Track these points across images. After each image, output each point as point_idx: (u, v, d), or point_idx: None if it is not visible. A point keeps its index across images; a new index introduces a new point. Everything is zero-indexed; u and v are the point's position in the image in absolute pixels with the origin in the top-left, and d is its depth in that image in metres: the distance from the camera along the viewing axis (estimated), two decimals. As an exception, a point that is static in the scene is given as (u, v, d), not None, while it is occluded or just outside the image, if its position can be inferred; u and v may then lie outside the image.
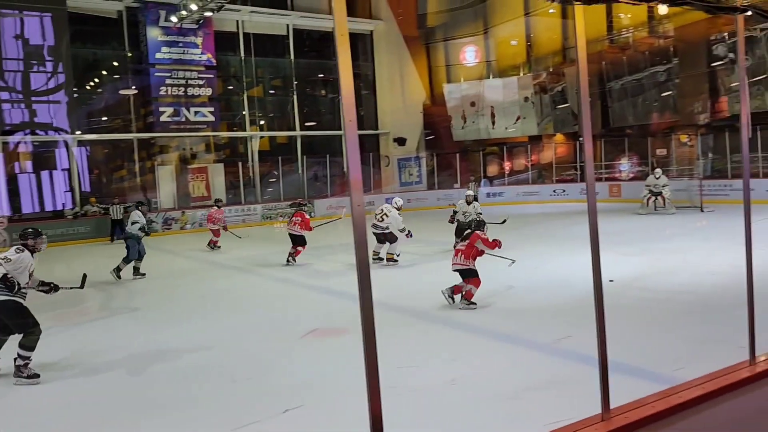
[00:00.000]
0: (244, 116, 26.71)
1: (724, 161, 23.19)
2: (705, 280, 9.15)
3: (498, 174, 30.27)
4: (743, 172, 4.73)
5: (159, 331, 8.15)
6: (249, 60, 26.63)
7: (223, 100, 26.45)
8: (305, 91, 28.65)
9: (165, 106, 24.35)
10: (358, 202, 2.87)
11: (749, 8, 4.63)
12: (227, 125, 26.65)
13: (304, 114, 28.27)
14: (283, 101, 28.23)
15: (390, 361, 5.45)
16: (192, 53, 24.79)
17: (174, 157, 25.42)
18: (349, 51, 2.81)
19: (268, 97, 28.12)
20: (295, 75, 27.79)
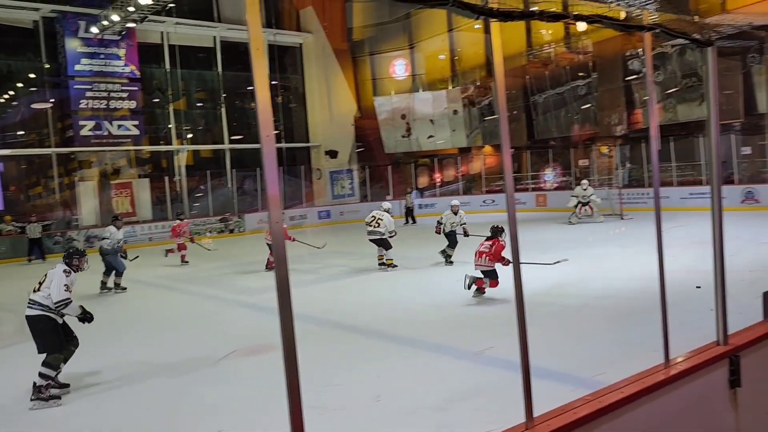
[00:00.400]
0: (170, 129, 26.01)
1: (641, 171, 24.31)
2: (623, 285, 9.51)
3: (429, 185, 30.67)
4: (653, 181, 4.93)
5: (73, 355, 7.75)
6: (174, 72, 26.02)
7: (148, 113, 25.69)
8: (234, 104, 28.20)
9: (85, 120, 23.45)
10: (276, 218, 2.80)
11: (656, 26, 4.87)
12: (150, 139, 25.85)
13: (232, 127, 27.80)
14: (211, 114, 27.70)
15: (314, 380, 5.38)
16: (114, 65, 24.01)
17: (95, 173, 24.45)
18: (265, 65, 2.77)
19: (195, 110, 27.51)
20: (222, 87, 27.32)
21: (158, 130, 26.14)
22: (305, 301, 9.58)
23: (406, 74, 30.73)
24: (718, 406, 4.97)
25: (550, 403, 4.20)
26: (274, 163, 2.82)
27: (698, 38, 5.10)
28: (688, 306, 7.10)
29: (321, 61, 30.03)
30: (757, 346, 5.30)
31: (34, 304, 6.11)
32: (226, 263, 16.03)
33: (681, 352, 5.00)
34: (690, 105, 22.46)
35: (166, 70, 25.85)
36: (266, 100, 2.77)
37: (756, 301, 5.92)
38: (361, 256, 15.16)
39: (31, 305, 6.13)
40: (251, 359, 7.06)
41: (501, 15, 3.84)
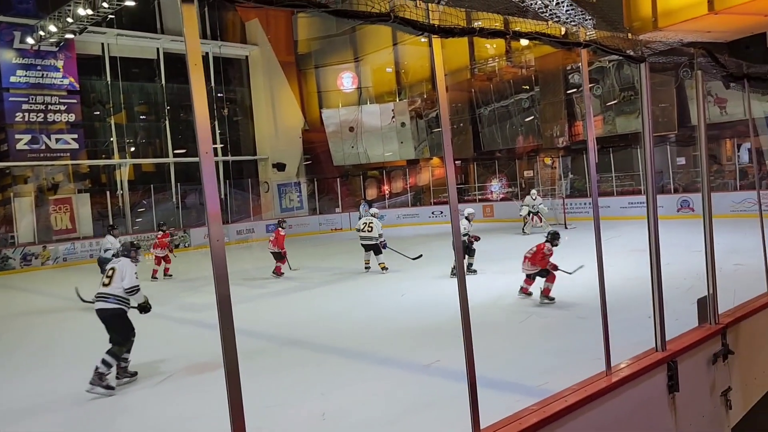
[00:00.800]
0: (111, 143, 25.30)
1: (583, 181, 25.00)
2: (566, 294, 9.70)
3: (378, 197, 30.75)
4: (592, 193, 5.08)
5: (4, 378, 7.41)
6: (116, 84, 25.36)
7: (87, 126, 24.89)
8: (178, 117, 27.64)
9: (21, 133, 22.57)
10: (216, 236, 2.76)
11: (592, 43, 5.04)
12: (88, 153, 25.02)
13: (177, 140, 27.25)
14: (154, 127, 27.09)
15: (257, 400, 5.27)
16: (52, 77, 23.22)
17: (32, 188, 23.53)
18: (203, 80, 2.73)
19: (137, 122, 26.85)
20: (166, 100, 26.78)
21: (98, 144, 25.36)
22: (251, 317, 9.45)
23: (354, 87, 30.82)
24: (658, 410, 5.13)
25: (498, 413, 4.26)
26: (213, 179, 2.78)
27: (632, 54, 5.31)
28: (627, 314, 7.29)
29: (267, 74, 29.81)
30: (694, 351, 5.51)
31: (110, 296, 6.62)
32: (172, 279, 15.65)
33: (622, 359, 5.14)
34: (628, 117, 23.26)
35: (107, 82, 25.18)
36: (204, 116, 2.73)
37: (691, 307, 6.15)
38: (309, 270, 15.05)
39: (106, 298, 6.63)
40: (193, 379, 6.87)
41: (442, 31, 3.91)
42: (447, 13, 3.90)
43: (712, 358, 5.76)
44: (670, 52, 6.19)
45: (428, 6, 3.75)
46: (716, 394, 5.82)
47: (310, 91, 31.27)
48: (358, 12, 3.39)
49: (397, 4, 3.64)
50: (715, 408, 5.80)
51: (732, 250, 11.71)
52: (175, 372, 7.02)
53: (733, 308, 6.61)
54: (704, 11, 5.54)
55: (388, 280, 12.93)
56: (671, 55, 6.25)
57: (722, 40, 6.71)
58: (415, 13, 3.67)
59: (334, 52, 30.68)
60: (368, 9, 3.43)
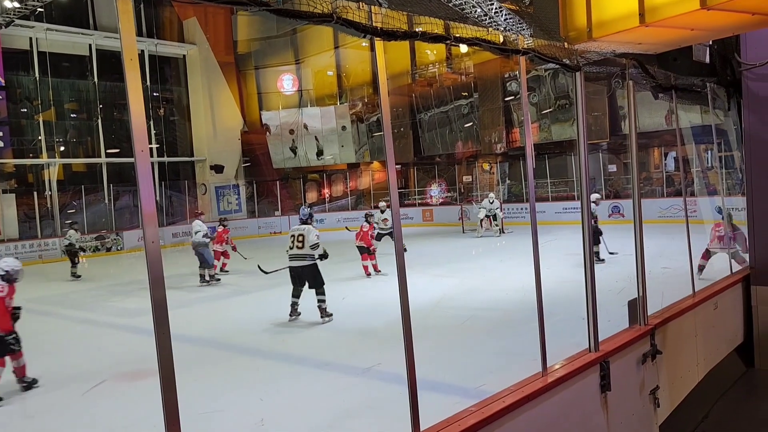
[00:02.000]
0: (39, 141, 24.23)
1: (520, 186, 25.60)
2: (503, 296, 9.90)
3: (318, 200, 30.59)
4: (530, 198, 5.19)
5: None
6: (45, 81, 24.31)
7: (13, 123, 23.78)
8: (111, 116, 26.73)
9: (-60, 130, 21.40)
10: (152, 238, 2.67)
11: (530, 51, 5.15)
12: (15, 151, 23.91)
13: (110, 139, 26.34)
14: (85, 126, 26.11)
15: (192, 407, 5.13)
16: (-26, 71, 22.12)
17: (-48, 187, 22.32)
18: (139, 77, 2.63)
19: (67, 120, 25.81)
20: (99, 98, 25.86)
21: (25, 142, 24.26)
22: (186, 322, 9.21)
23: (294, 89, 30.59)
24: (591, 409, 5.28)
25: (438, 414, 4.29)
26: (149, 179, 2.69)
27: (568, 63, 5.46)
28: (563, 315, 7.48)
29: (205, 74, 29.23)
30: (624, 351, 5.70)
31: (306, 256, 8.93)
32: (102, 284, 15.11)
33: (557, 359, 5.27)
34: (563, 125, 23.97)
35: (35, 78, 24.13)
36: (140, 113, 2.64)
37: (623, 309, 6.37)
38: (245, 274, 14.80)
39: (302, 258, 8.96)
40: (125, 386, 6.63)
41: (384, 34, 3.92)
42: (389, 17, 3.91)
43: (642, 358, 5.98)
44: (603, 62, 6.40)
45: (371, 8, 3.75)
46: (645, 393, 6.04)
47: (250, 93, 30.83)
48: (300, 12, 3.36)
49: (339, 5, 3.62)
50: (644, 406, 6.02)
51: (660, 254, 12.21)
52: (106, 379, 6.76)
53: (661, 310, 6.88)
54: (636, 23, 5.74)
55: (328, 283, 12.85)
56: (605, 65, 6.46)
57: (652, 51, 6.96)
58: (357, 15, 3.66)
59: (275, 54, 30.37)
60: (310, 9, 3.40)
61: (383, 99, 3.99)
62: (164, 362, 2.59)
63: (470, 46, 4.71)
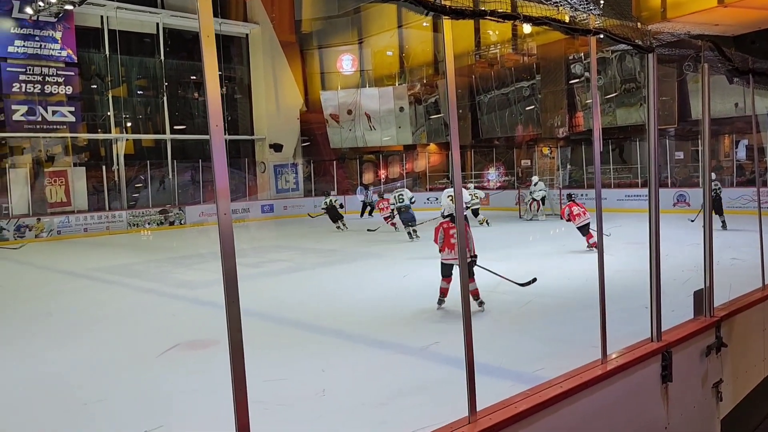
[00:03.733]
0: (108, 117, 25.13)
1: (580, 172, 25.02)
2: (562, 284, 9.75)
3: (374, 181, 30.70)
4: (595, 182, 5.08)
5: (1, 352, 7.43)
6: (114, 58, 25.13)
7: (85, 99, 24.73)
8: (176, 93, 27.47)
9: (18, 104, 22.40)
10: (224, 210, 2.76)
11: (601, 31, 5.01)
12: (88, 126, 24.93)
13: (174, 117, 27.09)
14: (151, 103, 26.91)
15: (258, 375, 5.28)
16: (50, 48, 23.01)
17: (28, 159, 23.40)
18: (215, 54, 2.70)
19: (135, 97, 26.66)
20: (165, 76, 26.58)
21: (96, 118, 25.20)
22: (248, 296, 9.39)
23: (353, 69, 30.65)
24: (650, 400, 5.18)
25: (491, 397, 4.29)
26: (223, 154, 2.77)
27: (640, 44, 5.28)
28: (623, 304, 7.33)
29: (268, 53, 29.59)
30: (688, 342, 5.55)
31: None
32: (165, 256, 15.65)
33: (617, 347, 5.18)
34: (628, 109, 23.24)
35: (106, 55, 24.98)
36: (216, 90, 2.72)
37: (688, 299, 6.20)
38: (304, 251, 15.06)
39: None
40: (191, 354, 6.89)
41: (453, 12, 3.88)
42: (457, -5, 3.86)
43: (706, 350, 5.81)
44: (677, 44, 6.16)
45: (440, -14, 3.72)
46: (708, 386, 5.88)
47: (311, 72, 31.09)
48: (370, -10, 3.36)
49: (408, -17, 3.60)
50: (706, 399, 5.86)
51: (729, 245, 11.77)
52: (171, 348, 7.04)
53: (728, 302, 6.66)
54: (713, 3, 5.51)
55: (388, 261, 12.96)
56: (678, 47, 6.22)
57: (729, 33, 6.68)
58: (426, -7, 3.63)
59: (337, 33, 30.48)
60: (380, -13, 3.40)
61: (450, 79, 3.96)
62: (233, 328, 2.68)
63: (539, 25, 4.61)
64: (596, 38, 4.94)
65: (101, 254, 15.74)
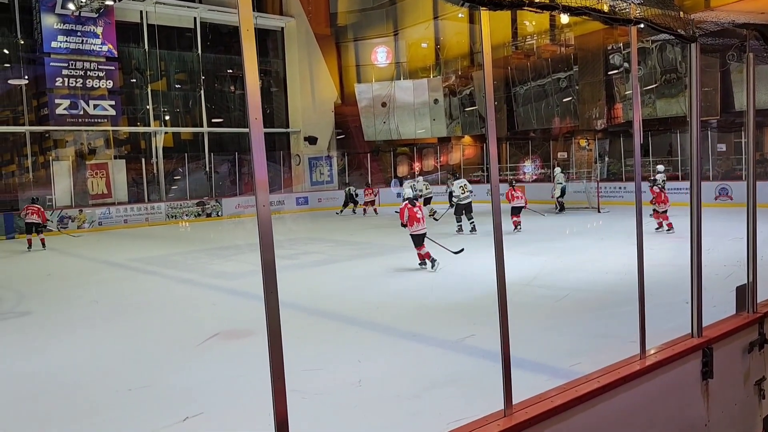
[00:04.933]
0: (147, 110, 25.62)
1: (619, 165, 24.58)
2: (599, 278, 9.62)
3: (408, 174, 30.66)
4: (635, 175, 4.99)
5: (50, 338, 7.67)
6: (153, 52, 25.60)
7: (125, 93, 25.29)
8: (213, 87, 27.85)
9: (61, 98, 23.00)
10: (263, 202, 2.79)
11: (642, 20, 4.90)
12: (128, 119, 25.47)
13: (211, 110, 27.48)
14: (190, 96, 27.33)
15: (295, 364, 5.36)
16: (91, 43, 23.54)
17: (70, 152, 24.03)
18: (254, 47, 2.73)
19: (174, 91, 27.11)
20: (202, 69, 26.96)
21: (136, 111, 25.74)
22: (284, 287, 9.50)
23: (388, 62, 30.61)
24: (691, 396, 5.09)
25: (527, 391, 4.26)
26: (262, 146, 2.80)
27: (682, 34, 5.16)
28: (663, 298, 7.21)
29: (303, 46, 29.77)
30: (730, 339, 5.43)
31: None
32: (202, 247, 15.91)
33: (656, 343, 5.10)
34: (669, 101, 22.72)
35: (145, 50, 25.44)
36: (255, 84, 2.75)
37: (730, 295, 6.05)
38: (338, 243, 15.15)
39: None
40: (229, 344, 7.03)
41: (490, 3, 3.84)
42: (495, -14, 3.82)
43: (748, 347, 5.68)
44: (721, 33, 6.00)
45: (478, -23, 3.69)
46: (750, 383, 5.75)
47: (346, 65, 31.16)
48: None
49: (446, -25, 3.58)
50: (748, 397, 5.74)
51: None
52: (211, 337, 7.18)
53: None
54: (759, -9, 5.28)
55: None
56: (722, 37, 6.05)
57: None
58: (464, -16, 3.61)
59: (372, 26, 30.46)
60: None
61: (487, 70, 3.94)
62: (271, 318, 2.72)
63: (577, 15, 4.53)
64: (637, 28, 4.84)
65: (141, 245, 16.09)
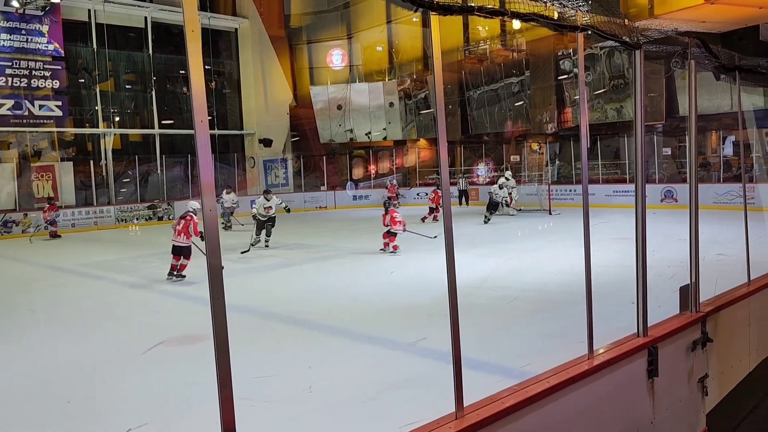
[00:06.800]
0: (96, 111, 24.94)
1: (569, 168, 25.12)
2: (550, 279, 9.80)
3: (363, 177, 30.69)
4: (582, 179, 5.09)
5: None
6: (102, 52, 24.93)
7: (72, 93, 24.53)
8: (164, 88, 27.28)
9: (4, 98, 22.19)
10: (210, 206, 2.73)
11: (589, 27, 5.01)
12: (75, 121, 24.72)
13: (162, 111, 26.91)
14: (140, 97, 26.72)
15: (245, 371, 5.28)
16: (37, 42, 22.80)
17: (14, 154, 23.17)
18: (200, 49, 2.68)
19: (123, 92, 26.46)
20: (153, 70, 26.39)
21: (83, 112, 25.02)
22: (236, 291, 9.42)
23: (343, 64, 30.57)
24: (637, 395, 5.21)
25: (479, 393, 4.29)
26: (208, 149, 2.75)
27: (627, 41, 5.30)
28: (611, 299, 7.37)
29: (257, 48, 29.46)
30: (674, 337, 5.58)
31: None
32: (153, 251, 15.56)
33: (603, 343, 5.20)
34: (617, 105, 23.34)
35: (93, 49, 24.77)
36: (200, 85, 2.69)
37: (673, 295, 6.23)
38: (294, 246, 15.03)
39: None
40: (177, 351, 6.87)
41: (441, 9, 3.86)
42: (446, -9, 3.85)
43: (692, 345, 5.85)
44: (664, 41, 6.18)
45: (428, -18, 3.70)
46: (693, 381, 5.92)
47: (300, 67, 30.99)
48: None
49: (396, -21, 3.59)
50: (691, 394, 5.91)
51: (714, 240, 11.87)
52: (163, 341, 7.01)
53: (713, 297, 6.70)
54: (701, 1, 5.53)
55: (375, 258, 12.95)
56: (665, 44, 6.24)
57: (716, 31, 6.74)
58: (414, -11, 3.62)
59: (326, 28, 30.38)
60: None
61: (437, 75, 3.95)
62: (218, 325, 2.67)
63: (527, 21, 4.61)
64: (584, 35, 4.94)
65: (90, 250, 15.63)
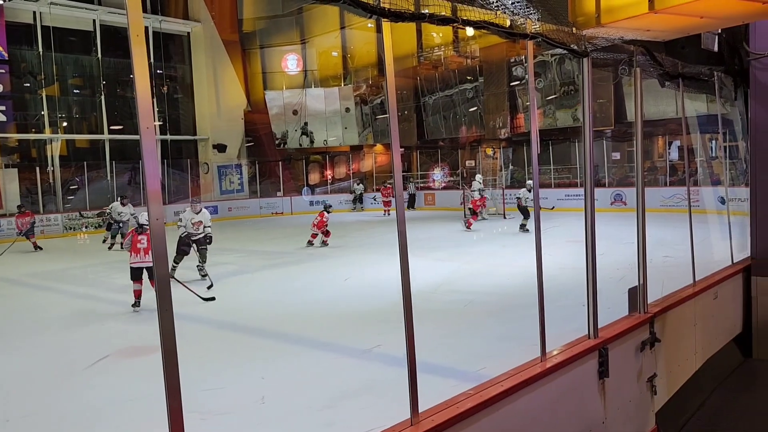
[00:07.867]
0: (42, 116, 24.16)
1: (522, 172, 25.55)
2: (505, 282, 9.92)
3: (320, 182, 30.57)
4: (533, 184, 5.18)
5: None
6: (48, 55, 24.19)
7: (16, 98, 23.70)
8: (114, 92, 26.62)
9: (-57, 103, 21.35)
10: (156, 215, 2.67)
11: (538, 35, 5.10)
12: (18, 126, 23.87)
13: (112, 116, 26.26)
14: (89, 102, 26.02)
15: (195, 383, 5.17)
16: (-22, 44, 22.02)
17: (-46, 161, 22.30)
18: (145, 53, 2.62)
19: (70, 96, 25.72)
20: (102, 74, 25.74)
21: (28, 117, 24.20)
22: (189, 301, 9.24)
23: (298, 69, 30.43)
24: (589, 395, 5.31)
25: (436, 397, 4.31)
26: (154, 156, 2.69)
27: (575, 49, 5.41)
28: (563, 301, 7.50)
29: (209, 52, 29.04)
30: (623, 338, 5.72)
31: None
32: (103, 260, 15.16)
33: (557, 345, 5.29)
34: (567, 111, 23.86)
35: (39, 52, 24.02)
36: (146, 90, 2.63)
37: (623, 296, 6.38)
38: (249, 253, 14.84)
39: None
40: (127, 363, 6.69)
41: (392, 15, 3.88)
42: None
43: (641, 346, 6.00)
44: (611, 49, 6.34)
45: (379, -12, 3.71)
46: (643, 380, 6.07)
47: (254, 72, 30.69)
48: (308, -10, 3.32)
49: (347, -16, 3.58)
50: (641, 393, 6.05)
51: (661, 242, 12.22)
52: (108, 354, 6.81)
53: (660, 298, 6.89)
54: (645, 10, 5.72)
55: (331, 264, 12.90)
56: (612, 52, 6.40)
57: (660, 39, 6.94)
58: (365, -5, 3.62)
59: (280, 33, 30.17)
60: (319, -12, 3.37)
61: (389, 81, 3.96)
62: (166, 336, 2.60)
63: (477, 29, 4.66)
64: (533, 42, 5.03)
65: (36, 259, 15.12)
